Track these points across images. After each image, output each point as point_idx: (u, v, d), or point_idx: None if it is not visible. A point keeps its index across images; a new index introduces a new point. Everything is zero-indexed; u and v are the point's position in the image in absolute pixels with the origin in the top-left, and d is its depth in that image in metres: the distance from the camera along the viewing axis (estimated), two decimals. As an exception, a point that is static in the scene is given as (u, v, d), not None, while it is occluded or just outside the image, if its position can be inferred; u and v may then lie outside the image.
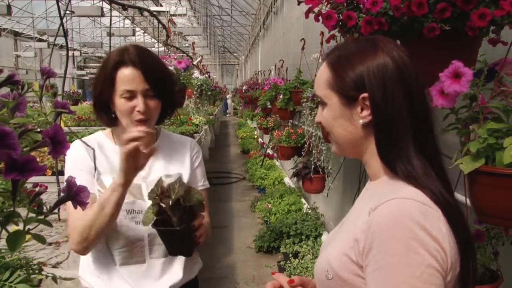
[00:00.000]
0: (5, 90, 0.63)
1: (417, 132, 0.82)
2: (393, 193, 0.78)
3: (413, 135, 0.81)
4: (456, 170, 1.00)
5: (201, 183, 1.51)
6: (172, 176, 1.18)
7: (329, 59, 0.89)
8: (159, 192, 1.15)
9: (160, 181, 1.18)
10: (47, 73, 0.66)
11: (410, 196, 0.76)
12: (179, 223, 1.16)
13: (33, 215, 0.60)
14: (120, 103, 1.28)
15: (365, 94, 0.82)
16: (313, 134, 2.84)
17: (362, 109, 0.84)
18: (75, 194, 0.63)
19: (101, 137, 1.43)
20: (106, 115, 1.34)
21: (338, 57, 0.88)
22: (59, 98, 0.66)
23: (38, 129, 0.58)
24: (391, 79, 0.81)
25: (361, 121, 0.84)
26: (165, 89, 1.34)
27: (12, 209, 0.56)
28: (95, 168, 1.33)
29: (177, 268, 1.38)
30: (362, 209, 0.83)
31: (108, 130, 1.44)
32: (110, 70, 1.28)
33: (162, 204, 1.15)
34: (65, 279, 1.32)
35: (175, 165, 1.43)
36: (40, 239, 0.62)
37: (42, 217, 0.60)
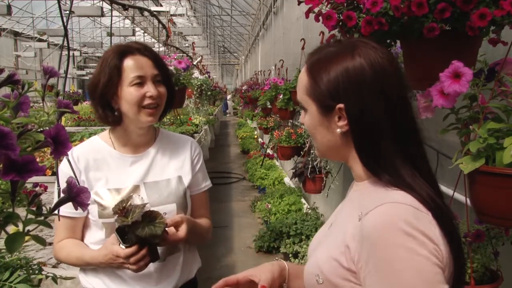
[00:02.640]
0: (6, 90, 0.63)
1: (402, 141, 0.79)
2: (382, 197, 0.76)
3: (399, 145, 0.79)
4: (456, 170, 1.00)
5: (204, 185, 1.51)
6: (140, 201, 1.18)
7: (308, 64, 0.87)
8: (122, 207, 1.16)
9: (129, 198, 1.18)
10: (49, 73, 0.66)
11: (400, 200, 0.75)
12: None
13: (32, 216, 0.59)
14: (130, 92, 1.27)
15: (341, 105, 0.79)
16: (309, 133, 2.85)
17: (339, 118, 0.81)
18: (75, 195, 0.62)
19: (98, 143, 1.40)
20: (111, 113, 1.32)
21: (316, 62, 0.85)
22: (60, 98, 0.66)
23: (40, 129, 0.58)
24: (367, 87, 0.78)
25: (338, 130, 0.82)
26: (170, 78, 1.37)
27: (11, 210, 0.56)
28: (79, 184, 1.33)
29: (177, 270, 1.38)
30: (351, 212, 0.82)
31: (105, 133, 1.42)
32: (115, 62, 1.27)
33: (118, 218, 1.16)
34: (65, 278, 1.33)
35: (174, 166, 1.42)
36: (40, 240, 0.62)
37: (41, 218, 0.60)
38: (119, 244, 1.19)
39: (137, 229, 1.15)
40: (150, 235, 1.16)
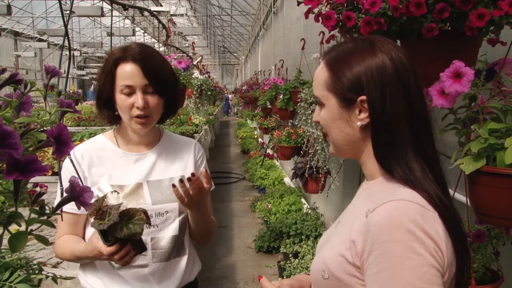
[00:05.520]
0: (8, 90, 0.63)
1: (416, 134, 0.81)
2: (390, 195, 0.78)
3: (412, 138, 0.81)
4: (456, 170, 1.00)
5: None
6: (115, 200, 1.15)
7: (326, 59, 0.88)
8: (97, 208, 1.12)
9: (104, 197, 1.15)
10: (51, 72, 0.66)
11: (407, 198, 0.76)
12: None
13: (36, 216, 0.59)
14: (120, 99, 1.28)
15: (363, 97, 0.81)
16: (307, 134, 2.85)
17: (360, 111, 0.83)
18: (78, 195, 0.62)
19: (102, 141, 1.41)
20: (108, 112, 1.34)
21: (336, 57, 0.87)
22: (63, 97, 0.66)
23: (43, 128, 0.58)
24: (389, 81, 0.80)
25: (358, 123, 0.84)
26: (166, 86, 1.33)
27: (14, 209, 0.56)
28: (81, 181, 1.32)
29: (179, 272, 1.39)
30: (359, 209, 0.83)
31: (110, 132, 1.43)
32: (111, 66, 1.28)
33: (94, 221, 1.13)
34: (65, 278, 1.32)
35: (177, 167, 1.42)
36: (43, 240, 0.62)
37: (44, 218, 0.60)
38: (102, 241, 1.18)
39: (116, 230, 1.12)
40: (129, 235, 1.14)
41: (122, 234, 1.13)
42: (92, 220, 1.13)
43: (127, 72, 1.27)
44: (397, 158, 0.81)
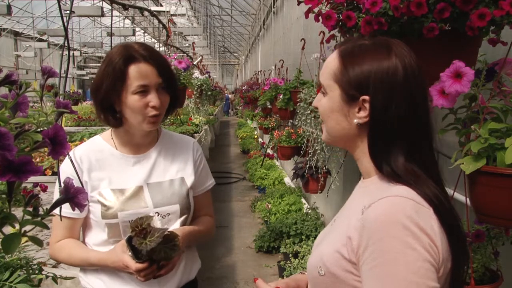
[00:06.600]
0: (6, 90, 0.62)
1: (416, 142, 0.81)
2: (385, 191, 0.78)
3: (411, 145, 0.81)
4: (456, 170, 1.00)
5: (208, 184, 1.52)
6: (160, 223, 1.19)
7: (341, 50, 0.87)
8: (140, 228, 1.15)
9: (149, 218, 1.17)
10: (47, 73, 0.66)
11: (402, 194, 0.77)
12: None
13: (29, 217, 0.59)
14: (133, 100, 1.25)
15: (366, 97, 0.81)
16: (307, 134, 2.85)
17: (359, 110, 0.83)
18: (73, 196, 0.62)
19: (100, 143, 1.39)
20: (112, 116, 1.31)
21: (351, 50, 0.86)
22: (60, 98, 0.66)
23: (39, 129, 0.57)
24: (398, 88, 0.80)
25: (356, 120, 0.84)
26: (174, 83, 1.36)
27: (7, 211, 0.55)
28: (82, 185, 1.32)
29: (178, 271, 1.38)
30: (355, 207, 0.84)
31: (107, 133, 1.41)
32: (120, 67, 1.24)
33: (135, 238, 1.16)
34: (65, 278, 1.32)
35: (176, 167, 1.42)
36: (37, 241, 0.61)
37: (38, 219, 0.59)
38: (130, 254, 1.20)
39: (154, 253, 1.15)
40: (164, 258, 1.18)
41: (159, 256, 1.17)
42: (131, 233, 1.16)
43: (142, 72, 1.25)
44: (391, 159, 0.81)
